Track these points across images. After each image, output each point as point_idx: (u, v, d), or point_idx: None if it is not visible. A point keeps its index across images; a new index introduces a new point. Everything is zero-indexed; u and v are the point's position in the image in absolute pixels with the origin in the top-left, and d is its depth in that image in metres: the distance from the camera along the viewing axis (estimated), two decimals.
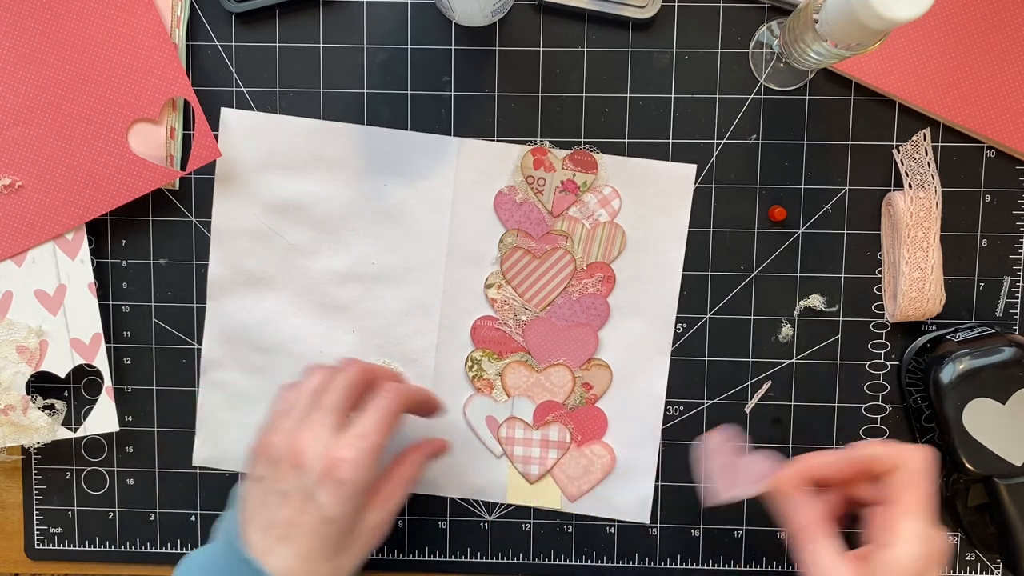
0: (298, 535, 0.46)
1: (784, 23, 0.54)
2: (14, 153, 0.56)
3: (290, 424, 0.49)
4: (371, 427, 0.48)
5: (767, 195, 0.58)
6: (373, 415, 0.48)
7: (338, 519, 0.46)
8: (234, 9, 0.57)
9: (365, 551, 0.49)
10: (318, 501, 0.46)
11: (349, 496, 0.46)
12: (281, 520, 0.47)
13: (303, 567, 0.46)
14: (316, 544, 0.46)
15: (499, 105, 0.57)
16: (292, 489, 0.47)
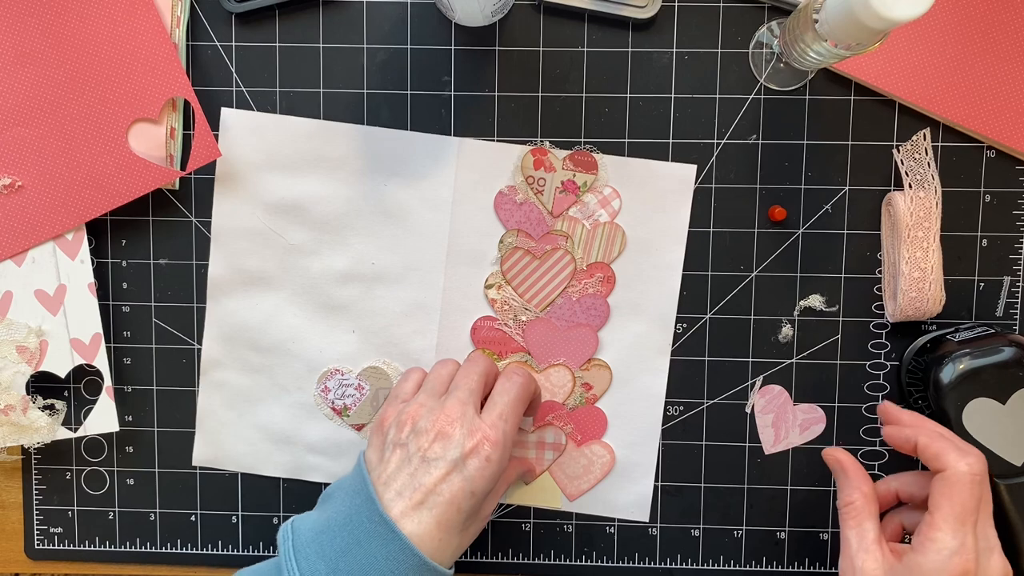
0: (439, 502, 0.47)
1: (784, 23, 0.54)
2: (14, 153, 0.56)
3: (430, 400, 0.51)
4: (508, 410, 0.50)
5: (767, 195, 0.57)
6: (507, 398, 0.51)
7: (479, 493, 0.48)
8: (234, 9, 0.57)
9: (475, 536, 0.52)
10: (465, 472, 0.48)
11: (493, 473, 0.48)
12: (423, 486, 0.47)
13: (437, 535, 0.47)
14: (453, 514, 0.47)
15: (499, 105, 0.57)
16: (438, 458, 0.48)
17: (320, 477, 0.60)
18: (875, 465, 0.59)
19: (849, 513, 0.49)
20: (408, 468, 0.48)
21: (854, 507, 0.49)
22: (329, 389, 0.59)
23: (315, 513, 0.50)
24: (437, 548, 0.47)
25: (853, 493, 0.49)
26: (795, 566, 0.60)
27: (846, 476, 0.50)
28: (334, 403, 0.60)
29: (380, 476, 0.49)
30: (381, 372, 0.59)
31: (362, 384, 0.59)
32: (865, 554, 0.47)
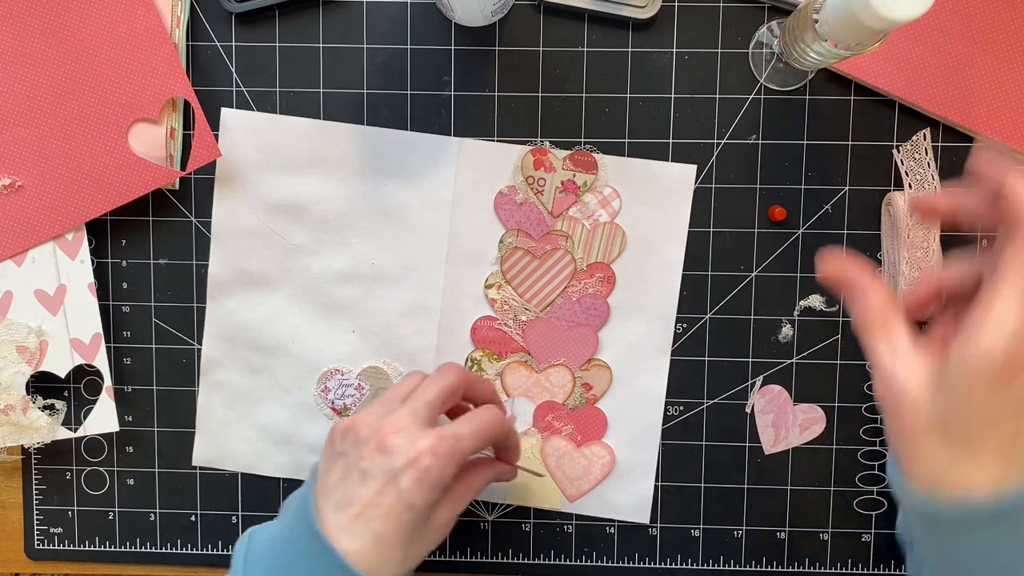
0: (376, 516, 0.45)
1: (784, 23, 0.54)
2: (14, 153, 0.56)
3: (380, 410, 0.48)
4: (465, 431, 0.47)
5: (767, 195, 0.57)
6: (470, 423, 0.48)
7: (418, 506, 0.45)
8: (234, 9, 0.57)
9: (432, 546, 0.48)
10: (400, 485, 0.45)
11: (431, 486, 0.45)
12: (360, 499, 0.45)
13: (376, 550, 0.45)
14: (392, 528, 0.45)
15: (499, 105, 0.57)
16: (376, 470, 0.46)
17: None
18: (875, 465, 0.59)
19: (872, 325, 0.38)
20: (347, 480, 0.46)
21: (874, 315, 0.38)
22: (329, 389, 0.59)
23: (272, 524, 0.49)
24: (377, 564, 0.45)
25: (869, 299, 0.38)
26: (795, 566, 0.60)
27: (855, 285, 0.39)
28: (334, 403, 0.60)
29: (323, 487, 0.47)
30: (381, 372, 0.59)
31: (362, 384, 0.59)
32: (905, 366, 0.36)
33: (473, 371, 0.59)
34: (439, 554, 0.61)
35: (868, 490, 0.59)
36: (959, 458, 0.35)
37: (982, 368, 0.34)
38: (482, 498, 0.60)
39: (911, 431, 0.36)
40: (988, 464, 0.35)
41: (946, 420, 0.35)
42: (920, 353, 0.37)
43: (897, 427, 0.37)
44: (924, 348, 0.37)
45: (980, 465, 0.35)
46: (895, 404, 0.36)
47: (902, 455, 0.37)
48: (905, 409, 0.36)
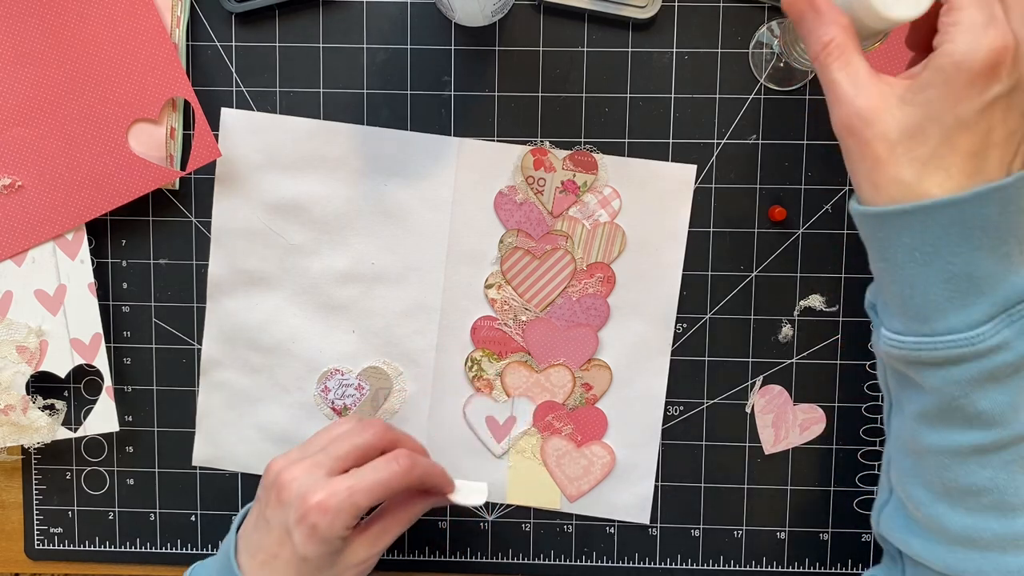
0: (278, 565, 0.47)
1: (784, 23, 0.54)
2: (14, 153, 0.56)
3: (297, 455, 0.50)
4: (361, 486, 0.47)
5: (767, 195, 0.57)
6: (370, 476, 0.48)
7: (312, 558, 0.47)
8: (234, 9, 0.57)
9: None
10: (293, 539, 0.47)
11: (321, 541, 0.46)
12: (263, 547, 0.48)
13: None
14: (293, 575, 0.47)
15: (499, 105, 0.57)
16: (274, 520, 0.48)
17: None
18: (875, 465, 0.59)
19: (831, 53, 0.38)
20: (258, 526, 0.49)
21: (835, 44, 0.38)
22: (329, 389, 0.59)
23: (211, 560, 0.52)
24: None
25: (830, 28, 0.39)
26: (795, 566, 0.60)
27: (817, 12, 0.39)
28: (334, 403, 0.60)
29: (244, 529, 0.50)
30: (381, 372, 0.59)
31: (362, 384, 0.59)
32: (864, 89, 0.38)
33: (473, 371, 0.59)
34: (439, 554, 0.61)
35: (868, 490, 0.59)
36: (925, 171, 0.36)
37: (963, 70, 0.35)
38: None
39: (877, 151, 0.37)
40: (954, 176, 0.36)
41: (917, 130, 0.36)
42: (880, 78, 0.38)
43: (861, 151, 0.38)
44: (882, 76, 0.38)
45: (947, 179, 0.36)
46: (860, 127, 0.37)
47: (867, 178, 0.38)
48: (872, 130, 0.37)
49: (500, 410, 0.59)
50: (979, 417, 0.38)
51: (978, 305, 0.37)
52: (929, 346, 0.38)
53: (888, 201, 0.38)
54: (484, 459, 0.60)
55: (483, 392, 0.59)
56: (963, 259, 0.37)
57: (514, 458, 0.60)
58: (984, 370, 0.37)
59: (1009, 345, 0.37)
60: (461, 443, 0.60)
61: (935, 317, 0.38)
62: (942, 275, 0.37)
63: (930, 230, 0.37)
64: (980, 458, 0.39)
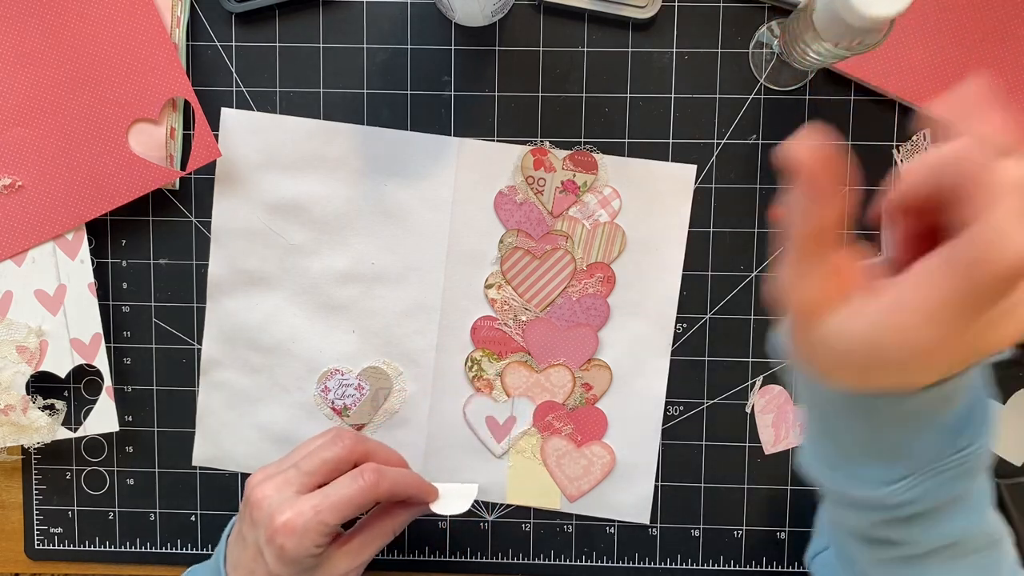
0: None
1: (784, 23, 0.54)
2: (14, 153, 0.56)
3: (273, 470, 0.50)
4: (326, 504, 0.47)
5: (767, 195, 0.57)
6: (335, 493, 0.48)
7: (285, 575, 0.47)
8: (234, 9, 0.57)
9: None
10: (267, 557, 0.47)
11: (291, 561, 0.47)
12: (243, 563, 0.49)
13: None
14: None
15: (499, 105, 0.57)
16: (250, 538, 0.49)
17: None
18: None
19: (807, 237, 0.32)
20: (237, 541, 0.50)
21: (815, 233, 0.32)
22: (329, 389, 0.59)
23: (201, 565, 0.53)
24: None
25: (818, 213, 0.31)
26: (795, 566, 0.60)
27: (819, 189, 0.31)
28: (334, 403, 0.60)
29: (230, 540, 0.51)
30: (381, 372, 0.59)
31: (362, 384, 0.59)
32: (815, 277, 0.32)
33: (473, 371, 0.59)
34: (439, 554, 0.61)
35: None
36: (834, 374, 0.33)
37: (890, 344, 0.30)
38: (481, 498, 0.60)
39: (804, 337, 0.33)
40: (858, 383, 0.33)
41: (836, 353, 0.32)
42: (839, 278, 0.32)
43: (795, 323, 0.33)
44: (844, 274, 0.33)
45: (852, 381, 0.33)
46: (800, 312, 0.33)
47: (792, 336, 0.34)
48: (806, 321, 0.33)
49: (500, 410, 0.59)
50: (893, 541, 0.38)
51: (892, 467, 0.36)
52: (841, 488, 0.38)
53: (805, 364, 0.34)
54: (484, 459, 0.60)
55: (483, 392, 0.59)
56: (876, 435, 0.35)
57: (514, 458, 0.60)
58: (894, 516, 0.36)
59: (923, 498, 0.36)
60: (461, 443, 0.60)
61: (848, 467, 0.37)
62: (856, 441, 0.36)
63: (841, 410, 0.35)
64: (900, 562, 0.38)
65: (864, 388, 0.33)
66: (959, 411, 0.35)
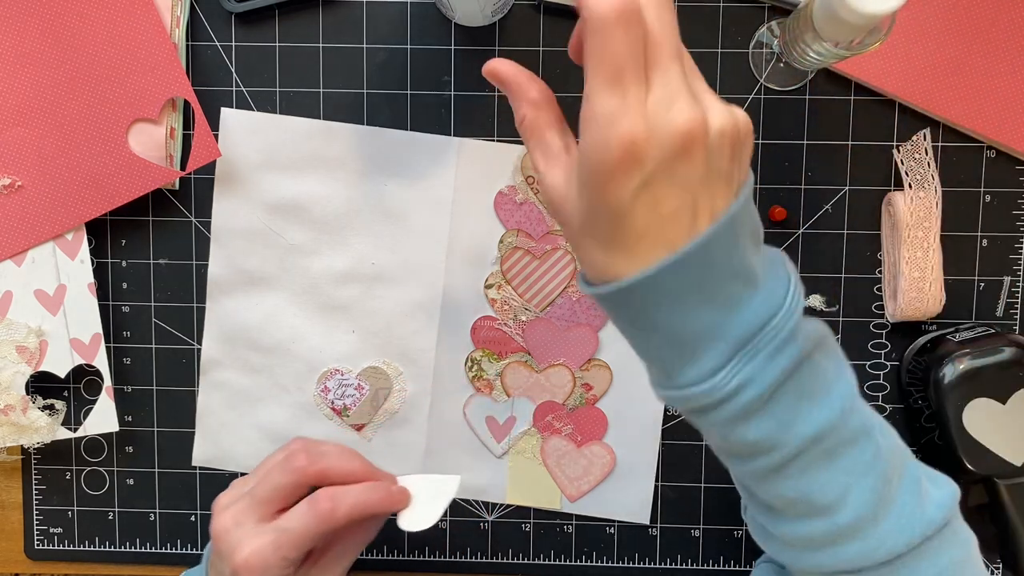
0: None
1: (784, 23, 0.54)
2: (14, 153, 0.56)
3: (233, 495, 0.49)
4: (285, 540, 0.46)
5: (767, 195, 0.57)
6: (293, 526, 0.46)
7: None
8: (234, 9, 0.57)
9: None
10: None
11: None
12: None
13: None
14: None
15: (499, 105, 0.57)
16: (217, 568, 0.48)
17: None
18: None
19: (525, 131, 0.38)
20: (214, 563, 0.49)
21: (527, 123, 0.38)
22: (329, 389, 0.59)
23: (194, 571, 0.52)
24: None
25: (521, 107, 0.38)
26: None
27: (508, 88, 0.38)
28: (334, 403, 0.60)
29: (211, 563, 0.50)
30: (381, 372, 0.59)
31: (362, 384, 0.59)
32: (551, 170, 0.37)
33: (473, 371, 0.59)
34: (439, 554, 0.61)
35: None
36: (609, 253, 0.35)
37: (602, 165, 0.33)
38: (481, 498, 0.60)
39: (571, 233, 0.37)
40: (639, 253, 0.35)
41: (589, 216, 0.35)
42: (570, 154, 0.37)
43: (563, 229, 0.38)
44: (572, 150, 0.37)
45: (632, 257, 0.35)
46: (553, 208, 0.37)
47: (575, 253, 0.38)
48: (562, 214, 0.37)
49: (500, 410, 0.59)
50: (755, 445, 0.38)
51: (707, 356, 0.36)
52: (678, 399, 0.38)
53: (594, 275, 0.37)
54: (484, 459, 0.60)
55: (483, 392, 0.59)
56: (682, 320, 0.36)
57: (514, 458, 0.60)
58: (735, 411, 0.36)
59: (752, 381, 0.36)
60: (461, 443, 0.60)
61: (672, 372, 0.37)
62: (667, 339, 0.36)
63: (639, 305, 0.36)
64: (776, 475, 0.39)
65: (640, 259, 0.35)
66: (755, 279, 0.36)
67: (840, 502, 0.38)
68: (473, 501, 0.60)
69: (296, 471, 0.48)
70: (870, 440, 0.39)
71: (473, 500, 0.60)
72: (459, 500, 0.60)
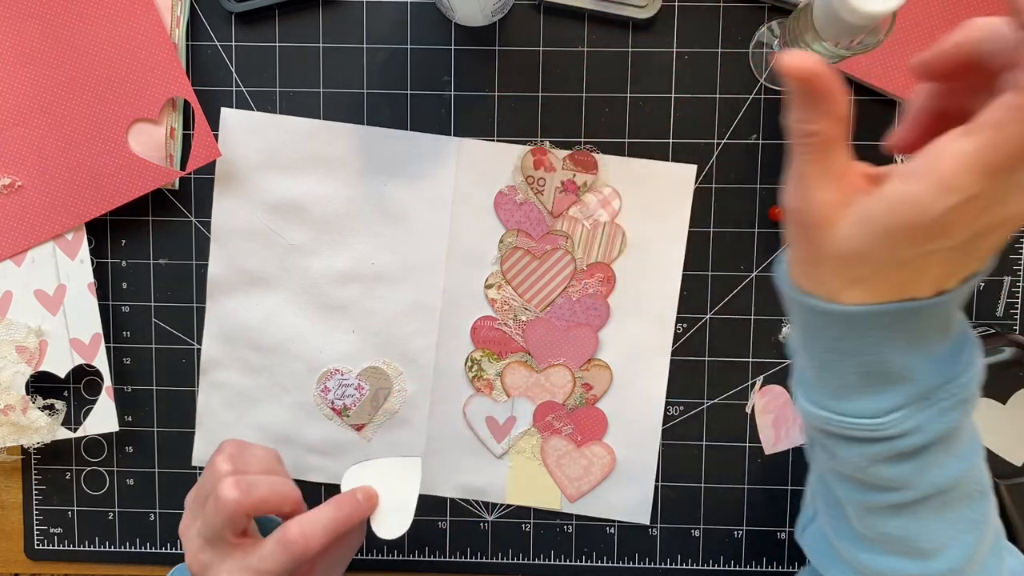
0: None
1: (784, 23, 0.54)
2: (14, 153, 0.56)
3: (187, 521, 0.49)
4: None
5: (767, 195, 0.57)
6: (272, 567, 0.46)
7: None
8: (234, 9, 0.57)
9: None
10: None
11: None
12: None
13: None
14: None
15: (499, 105, 0.57)
16: None
17: (320, 477, 0.60)
18: None
19: (814, 146, 0.33)
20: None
21: (821, 137, 0.33)
22: (329, 389, 0.59)
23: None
24: None
25: (820, 119, 0.33)
26: (795, 566, 0.60)
27: (814, 92, 0.32)
28: (334, 403, 0.60)
29: None
30: (381, 372, 0.59)
31: (362, 384, 0.59)
32: (826, 192, 0.34)
33: (473, 371, 0.59)
34: (439, 554, 0.61)
35: None
36: (852, 287, 0.35)
37: (912, 220, 0.32)
38: (481, 498, 0.60)
39: (816, 253, 0.35)
40: (869, 294, 0.35)
41: (857, 256, 0.34)
42: (848, 181, 0.34)
43: (802, 241, 0.36)
44: (849, 178, 0.34)
45: (863, 292, 0.35)
46: (810, 225, 0.35)
47: (799, 264, 0.37)
48: (820, 233, 0.34)
49: (500, 410, 0.59)
50: (887, 482, 0.38)
51: (889, 395, 0.37)
52: (838, 424, 0.38)
53: (812, 290, 0.36)
54: (484, 459, 0.60)
55: (483, 392, 0.59)
56: (881, 357, 0.36)
57: (514, 458, 0.60)
58: (889, 451, 0.37)
59: (919, 430, 0.37)
60: (461, 443, 0.60)
61: (847, 398, 0.37)
62: (859, 367, 0.37)
63: (849, 331, 0.36)
64: (890, 512, 0.39)
65: (876, 295, 0.34)
66: (955, 337, 0.37)
67: (939, 552, 0.39)
68: (473, 501, 0.60)
69: (231, 512, 0.46)
70: (985, 500, 0.40)
71: (473, 500, 0.60)
72: (459, 500, 0.61)
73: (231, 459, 0.48)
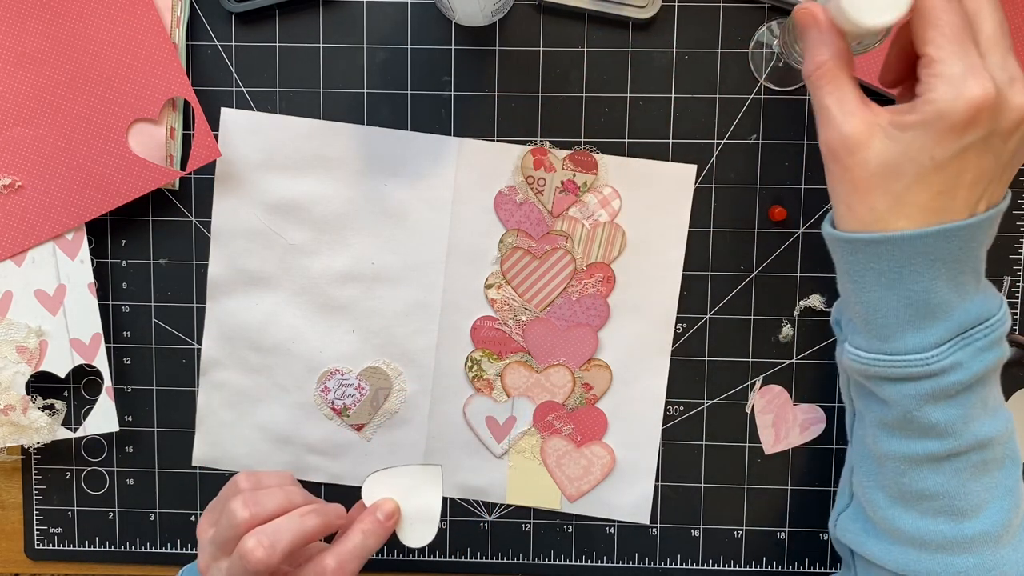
0: None
1: (784, 23, 0.54)
2: (14, 153, 0.56)
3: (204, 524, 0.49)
4: None
5: (767, 195, 0.58)
6: None
7: None
8: (234, 9, 0.57)
9: None
10: None
11: None
12: None
13: None
14: None
15: (499, 105, 0.57)
16: None
17: (320, 477, 0.60)
18: None
19: (823, 77, 0.40)
20: None
21: (827, 68, 0.40)
22: (329, 389, 0.59)
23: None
24: None
25: (823, 51, 0.40)
26: (795, 566, 0.60)
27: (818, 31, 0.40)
28: (334, 403, 0.60)
29: None
30: (381, 372, 0.59)
31: (362, 384, 0.59)
32: (851, 117, 0.39)
33: (473, 371, 0.59)
34: (439, 554, 0.61)
35: None
36: (896, 204, 0.39)
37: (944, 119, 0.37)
38: (481, 498, 0.60)
39: (856, 178, 0.40)
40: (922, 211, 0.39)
41: (895, 166, 0.39)
42: (868, 107, 0.40)
43: (841, 175, 0.40)
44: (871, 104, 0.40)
45: (916, 213, 0.39)
46: (843, 153, 0.40)
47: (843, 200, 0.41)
48: (853, 157, 0.39)
49: (500, 410, 0.59)
50: (932, 428, 0.42)
51: (934, 329, 0.41)
52: (887, 363, 0.42)
53: (859, 227, 0.41)
54: (484, 459, 0.60)
55: (483, 392, 0.59)
56: (923, 286, 0.40)
57: (514, 458, 0.60)
58: (936, 387, 0.41)
59: (961, 366, 0.41)
60: (461, 443, 0.60)
61: (894, 337, 0.41)
62: (903, 299, 0.41)
63: (896, 259, 0.40)
64: (933, 465, 0.42)
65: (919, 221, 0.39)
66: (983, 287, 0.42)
67: (974, 512, 0.42)
68: (473, 501, 0.60)
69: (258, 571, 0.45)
70: (1017, 468, 0.43)
71: (473, 500, 0.60)
72: (459, 500, 0.61)
73: (246, 505, 0.46)
